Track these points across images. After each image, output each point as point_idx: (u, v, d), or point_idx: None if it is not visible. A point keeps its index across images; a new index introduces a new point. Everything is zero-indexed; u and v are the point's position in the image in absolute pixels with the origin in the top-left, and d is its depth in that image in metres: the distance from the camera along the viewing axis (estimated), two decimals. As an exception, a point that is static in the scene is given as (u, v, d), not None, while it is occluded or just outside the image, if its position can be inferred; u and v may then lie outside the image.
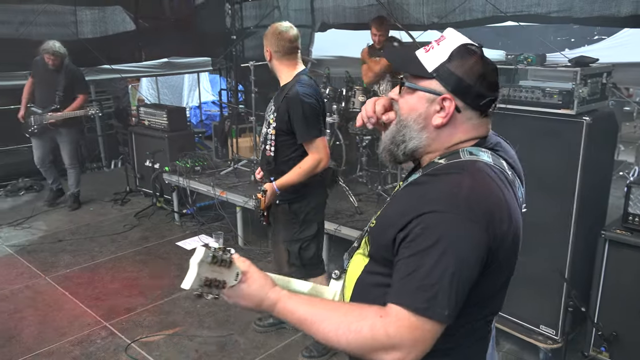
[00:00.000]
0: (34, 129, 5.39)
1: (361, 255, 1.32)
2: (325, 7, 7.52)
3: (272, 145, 2.74)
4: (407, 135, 1.23)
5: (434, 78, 1.19)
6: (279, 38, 2.69)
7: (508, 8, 5.55)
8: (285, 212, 2.82)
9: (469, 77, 1.17)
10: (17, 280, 4.15)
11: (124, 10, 7.39)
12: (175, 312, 3.66)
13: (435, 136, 1.22)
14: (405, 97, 1.25)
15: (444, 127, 1.20)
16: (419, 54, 1.24)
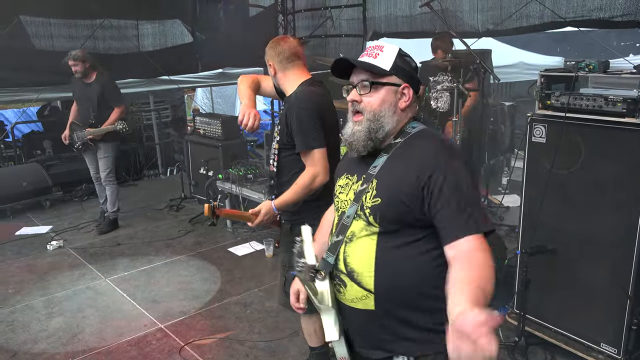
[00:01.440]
0: (78, 145, 5.36)
1: (366, 238, 1.53)
2: (377, 16, 7.52)
3: (275, 161, 2.56)
4: (384, 122, 1.56)
5: (393, 74, 1.56)
6: (277, 48, 2.49)
7: (568, 13, 5.36)
8: (287, 234, 2.59)
9: (412, 70, 1.62)
10: (80, 281, 4.36)
11: (182, 24, 7.68)
12: (226, 316, 3.74)
13: (399, 117, 1.59)
14: (371, 95, 1.57)
15: (406, 108, 1.59)
16: (369, 60, 1.57)
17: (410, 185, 1.46)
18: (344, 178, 1.69)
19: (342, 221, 1.59)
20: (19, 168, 6.60)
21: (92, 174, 5.64)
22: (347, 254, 1.57)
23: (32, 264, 4.75)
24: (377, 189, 1.53)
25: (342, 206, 1.64)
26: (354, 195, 1.58)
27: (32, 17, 6.46)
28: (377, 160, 1.57)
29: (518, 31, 6.01)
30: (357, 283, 1.54)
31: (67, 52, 5.25)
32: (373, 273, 1.51)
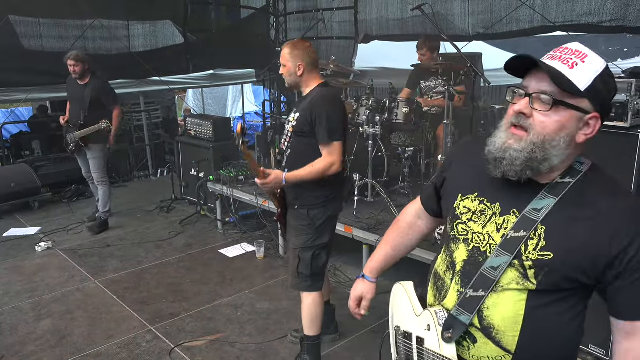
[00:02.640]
0: (71, 147, 5.38)
1: (514, 292, 1.26)
2: (368, 19, 7.55)
3: (287, 141, 2.91)
4: (552, 153, 1.22)
5: (586, 98, 1.19)
6: (309, 52, 2.88)
7: (557, 18, 5.42)
8: (303, 218, 2.87)
9: (609, 98, 1.23)
10: (69, 283, 4.33)
11: (174, 25, 7.66)
12: (217, 318, 3.72)
13: (572, 152, 1.25)
14: (548, 114, 1.20)
15: (582, 143, 1.25)
16: (564, 70, 1.20)
17: (599, 249, 1.18)
18: (476, 200, 1.36)
19: (482, 270, 1.28)
20: (7, 169, 6.54)
21: (84, 173, 5.68)
22: (485, 305, 1.28)
23: (21, 265, 4.70)
24: (546, 239, 1.22)
25: (476, 239, 1.32)
26: (501, 239, 1.27)
27: (22, 17, 6.40)
28: (541, 202, 1.25)
29: (508, 35, 6.05)
30: (495, 342, 1.28)
31: (57, 52, 5.21)
32: (518, 333, 1.26)
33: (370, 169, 4.44)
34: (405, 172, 4.79)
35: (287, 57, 2.85)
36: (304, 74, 2.86)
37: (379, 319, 3.59)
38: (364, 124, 4.51)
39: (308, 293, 2.96)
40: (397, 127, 4.69)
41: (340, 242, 3.78)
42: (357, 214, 4.31)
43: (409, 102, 4.63)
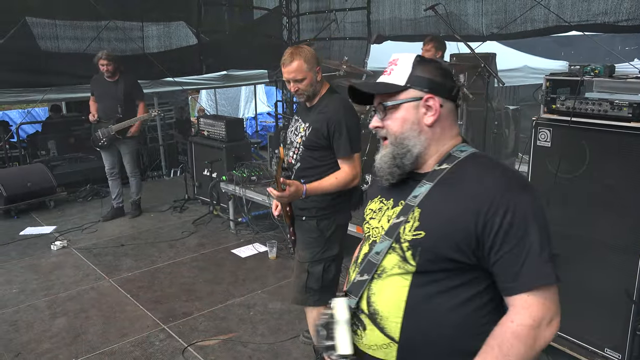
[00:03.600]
0: (103, 142, 5.61)
1: (397, 277, 1.30)
2: (381, 19, 7.52)
3: (296, 154, 2.74)
4: (409, 144, 1.36)
5: (410, 88, 1.35)
6: (318, 58, 2.70)
7: (572, 17, 5.35)
8: (312, 230, 2.73)
9: (437, 76, 1.35)
10: (84, 281, 4.37)
11: (187, 25, 7.71)
12: (229, 318, 3.74)
13: (431, 135, 1.36)
14: (390, 117, 1.37)
15: (435, 124, 1.36)
16: (383, 79, 1.40)
17: (465, 221, 1.23)
18: (377, 201, 1.48)
19: (369, 257, 1.37)
20: (23, 168, 6.63)
21: (107, 169, 5.90)
22: (372, 291, 1.34)
23: (36, 264, 4.76)
24: (420, 220, 1.29)
25: (373, 234, 1.43)
26: (387, 225, 1.36)
27: (38, 18, 6.49)
28: (419, 189, 1.34)
29: (522, 35, 5.99)
30: (379, 328, 1.31)
31: (73, 53, 5.35)
32: (401, 319, 1.29)
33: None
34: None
35: (304, 69, 2.58)
36: (320, 80, 2.68)
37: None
38: (377, 125, 4.49)
39: (313, 307, 2.82)
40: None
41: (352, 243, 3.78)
42: (370, 215, 4.29)
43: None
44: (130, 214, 6.07)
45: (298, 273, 2.82)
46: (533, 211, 1.22)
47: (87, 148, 7.33)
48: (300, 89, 2.64)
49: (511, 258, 1.20)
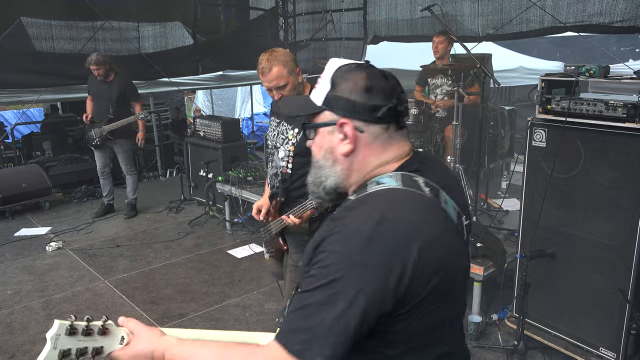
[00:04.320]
0: (96, 141, 5.64)
1: None
2: (377, 19, 7.54)
3: (290, 162, 2.59)
4: (323, 175, 1.18)
5: (325, 109, 1.15)
6: (295, 58, 2.55)
7: (568, 18, 5.38)
8: (305, 232, 2.60)
9: (356, 94, 1.11)
10: (79, 282, 4.36)
11: (183, 26, 7.70)
12: (225, 318, 3.73)
13: (349, 166, 1.16)
14: (314, 140, 1.20)
15: (353, 153, 1.14)
16: (312, 94, 1.20)
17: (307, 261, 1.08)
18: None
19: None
20: (18, 169, 6.60)
21: (99, 167, 5.93)
22: None
23: (31, 265, 4.74)
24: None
25: None
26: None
27: (33, 18, 6.47)
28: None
29: (518, 36, 6.02)
30: None
31: (68, 54, 5.33)
32: None
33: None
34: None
35: (284, 74, 2.43)
36: (302, 80, 2.55)
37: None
38: (373, 125, 4.49)
39: None
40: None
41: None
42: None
43: (418, 103, 4.61)
44: (125, 214, 6.05)
45: (292, 276, 2.77)
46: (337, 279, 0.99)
47: (83, 149, 7.32)
48: (283, 95, 2.46)
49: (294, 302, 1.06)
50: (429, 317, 1.04)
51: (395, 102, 1.12)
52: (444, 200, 1.11)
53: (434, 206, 1.08)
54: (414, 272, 0.98)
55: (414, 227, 1.02)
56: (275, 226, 2.73)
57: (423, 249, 0.99)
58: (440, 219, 1.08)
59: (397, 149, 1.15)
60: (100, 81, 5.52)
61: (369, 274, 0.97)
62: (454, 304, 1.10)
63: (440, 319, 1.08)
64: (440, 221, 1.08)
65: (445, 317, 1.09)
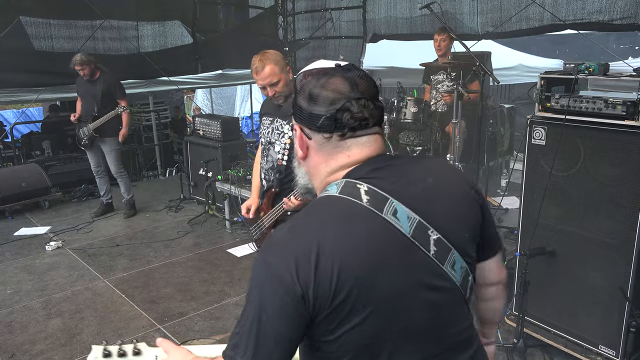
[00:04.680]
0: (85, 141, 5.61)
1: None
2: (377, 18, 7.54)
3: (286, 155, 2.71)
4: (297, 173, 1.25)
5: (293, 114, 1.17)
6: (285, 58, 2.71)
7: (567, 16, 5.37)
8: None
9: (303, 101, 1.12)
10: (78, 282, 4.36)
11: (182, 25, 7.69)
12: (225, 317, 3.73)
13: (308, 170, 1.19)
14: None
15: (307, 158, 1.17)
16: None
17: None
18: None
19: None
20: (18, 168, 6.60)
21: (92, 167, 5.89)
22: None
23: (31, 264, 4.74)
24: None
25: None
26: None
27: (32, 17, 6.46)
28: None
29: (518, 34, 6.02)
30: None
31: (67, 53, 5.33)
32: None
33: (378, 169, 4.43)
34: (414, 172, 4.78)
35: (277, 72, 2.60)
36: (290, 81, 2.68)
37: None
38: (372, 124, 4.49)
39: None
40: (405, 127, 4.69)
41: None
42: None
43: (417, 101, 4.61)
44: (125, 213, 6.02)
45: None
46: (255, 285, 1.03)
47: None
48: (277, 92, 2.64)
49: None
50: (358, 332, 1.02)
51: (334, 112, 1.08)
52: (391, 209, 1.05)
53: (363, 214, 1.04)
54: (312, 274, 0.97)
55: (317, 232, 1.02)
56: (268, 219, 2.79)
57: (324, 254, 0.98)
58: (368, 227, 1.04)
59: (344, 157, 1.12)
60: (87, 80, 5.49)
61: (267, 276, 1.01)
62: (389, 324, 1.04)
63: (376, 336, 1.04)
64: (365, 229, 1.04)
65: (383, 335, 1.04)
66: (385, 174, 1.11)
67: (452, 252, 1.08)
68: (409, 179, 1.13)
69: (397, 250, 1.05)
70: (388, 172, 1.12)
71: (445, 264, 1.08)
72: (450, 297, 1.11)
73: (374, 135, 1.13)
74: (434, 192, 1.13)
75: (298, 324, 1.00)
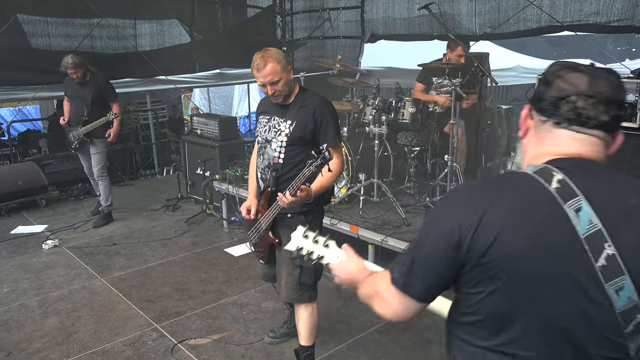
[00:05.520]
0: (75, 145, 5.49)
1: None
2: (375, 18, 7.55)
3: (282, 153, 2.73)
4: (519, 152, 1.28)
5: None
6: (287, 58, 2.78)
7: (565, 17, 5.39)
8: (301, 223, 2.70)
9: (542, 85, 1.21)
10: (75, 280, 4.35)
11: (180, 24, 7.68)
12: (222, 317, 3.73)
13: (522, 148, 1.26)
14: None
15: (525, 138, 1.25)
16: None
17: None
18: None
19: None
20: (14, 167, 6.57)
21: (85, 169, 5.79)
22: None
23: (27, 263, 4.73)
24: None
25: None
26: None
27: (30, 15, 6.44)
28: None
29: (515, 35, 6.04)
30: None
31: (64, 51, 5.27)
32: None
33: (376, 169, 4.43)
34: (411, 172, 4.79)
35: (278, 70, 2.60)
36: (290, 80, 2.70)
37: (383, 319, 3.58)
38: (370, 124, 4.50)
39: (308, 304, 2.88)
40: (403, 127, 4.69)
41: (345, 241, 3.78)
42: (363, 214, 4.30)
43: (415, 101, 4.61)
44: (94, 222, 5.67)
45: (290, 270, 2.82)
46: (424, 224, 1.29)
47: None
48: (277, 90, 2.65)
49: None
50: (494, 299, 1.09)
51: (558, 99, 1.12)
52: (575, 206, 1.05)
53: (545, 197, 1.07)
54: (473, 228, 1.08)
55: (494, 196, 1.11)
56: (265, 220, 2.79)
57: (491, 216, 1.07)
58: (543, 209, 1.06)
59: (552, 144, 1.15)
60: (76, 82, 5.34)
61: (437, 222, 1.18)
62: (523, 304, 1.07)
63: (510, 310, 1.08)
64: (538, 210, 1.06)
65: (517, 312, 1.08)
66: (588, 174, 1.10)
67: (624, 278, 1.02)
68: (615, 191, 1.10)
69: (561, 242, 1.05)
70: (592, 175, 1.11)
71: (610, 284, 1.02)
72: (602, 317, 1.05)
73: (592, 137, 1.13)
74: (637, 214, 1.07)
75: (448, 265, 1.13)
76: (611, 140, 1.15)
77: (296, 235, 1.59)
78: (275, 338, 3.41)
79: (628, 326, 1.04)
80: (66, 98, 5.65)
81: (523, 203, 1.07)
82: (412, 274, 1.17)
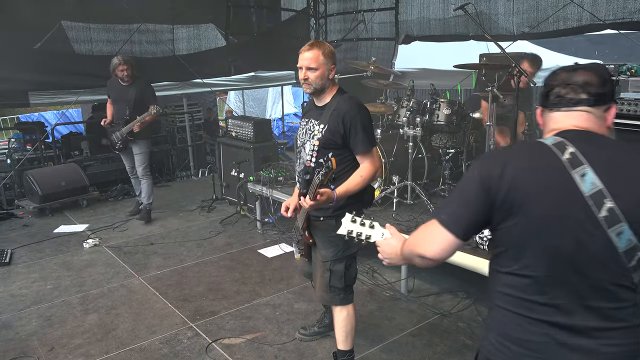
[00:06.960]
0: (119, 145, 5.68)
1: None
2: (409, 19, 7.48)
3: (314, 156, 2.70)
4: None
5: None
6: (336, 58, 2.72)
7: (607, 15, 5.22)
8: (331, 229, 2.66)
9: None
10: (114, 279, 4.47)
11: (216, 28, 7.81)
12: (255, 317, 3.77)
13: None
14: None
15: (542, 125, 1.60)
16: None
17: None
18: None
19: None
20: (57, 168, 6.81)
21: (128, 169, 6.00)
22: None
23: (69, 261, 4.89)
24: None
25: None
26: None
27: (73, 22, 6.68)
28: None
29: (555, 34, 5.89)
30: None
31: (105, 55, 5.44)
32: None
33: (410, 171, 4.40)
34: (446, 174, 4.72)
35: (320, 60, 2.62)
36: (332, 79, 2.69)
37: (417, 322, 3.54)
38: (404, 126, 4.47)
39: (342, 307, 2.86)
40: (438, 129, 4.63)
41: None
42: (397, 217, 4.27)
43: (450, 103, 4.55)
44: (138, 219, 5.96)
45: (322, 272, 2.84)
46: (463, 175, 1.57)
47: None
48: (310, 78, 2.65)
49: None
50: (513, 232, 1.38)
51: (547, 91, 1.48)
52: (581, 172, 1.32)
53: (555, 163, 1.35)
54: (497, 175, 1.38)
55: (515, 154, 1.46)
56: (300, 218, 2.83)
57: (511, 167, 1.38)
58: (553, 169, 1.34)
59: (553, 123, 1.48)
60: (120, 85, 5.53)
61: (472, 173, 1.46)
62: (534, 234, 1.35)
63: (523, 241, 1.37)
64: (548, 169, 1.35)
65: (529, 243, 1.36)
66: (589, 142, 1.38)
67: (622, 225, 1.28)
68: (615, 157, 1.36)
69: (567, 193, 1.32)
70: (591, 142, 1.38)
71: (611, 229, 1.29)
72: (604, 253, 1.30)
73: (580, 112, 1.43)
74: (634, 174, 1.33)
75: (481, 204, 1.41)
76: (603, 113, 1.42)
77: (345, 220, 1.80)
78: (305, 335, 3.43)
79: (631, 262, 1.30)
80: (109, 101, 5.83)
81: (538, 160, 1.38)
82: (454, 214, 1.45)
